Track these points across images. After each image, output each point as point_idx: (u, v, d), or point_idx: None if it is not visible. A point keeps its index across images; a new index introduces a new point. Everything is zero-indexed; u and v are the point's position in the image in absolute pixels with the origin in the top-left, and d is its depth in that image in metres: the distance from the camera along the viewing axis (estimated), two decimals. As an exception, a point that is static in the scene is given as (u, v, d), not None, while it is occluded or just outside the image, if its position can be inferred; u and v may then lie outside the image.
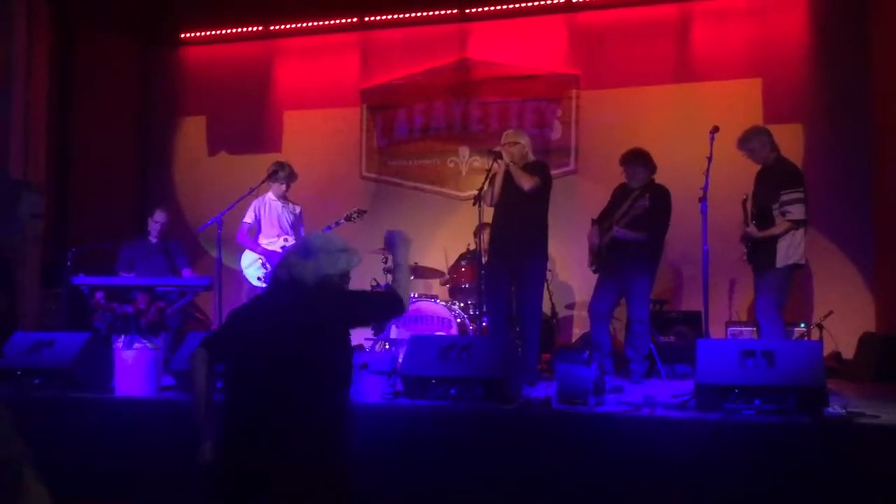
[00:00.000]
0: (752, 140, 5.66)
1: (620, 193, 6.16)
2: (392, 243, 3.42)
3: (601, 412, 4.34)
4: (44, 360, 5.14)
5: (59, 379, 5.07)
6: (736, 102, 7.62)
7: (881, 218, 7.12)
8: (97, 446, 4.58)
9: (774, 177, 5.60)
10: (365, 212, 7.00)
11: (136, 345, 4.93)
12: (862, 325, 6.92)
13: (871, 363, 6.28)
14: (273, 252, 6.62)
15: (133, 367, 4.93)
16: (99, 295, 4.99)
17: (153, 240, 7.28)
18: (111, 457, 4.53)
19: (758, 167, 5.75)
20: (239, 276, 6.93)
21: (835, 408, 4.13)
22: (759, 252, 5.57)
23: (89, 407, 4.83)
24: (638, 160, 6.06)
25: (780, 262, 5.44)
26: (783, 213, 5.46)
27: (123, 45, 9.24)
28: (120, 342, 4.94)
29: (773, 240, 5.46)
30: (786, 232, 5.43)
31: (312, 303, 3.03)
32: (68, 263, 6.67)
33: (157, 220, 7.27)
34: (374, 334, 6.94)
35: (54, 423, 4.65)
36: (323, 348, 2.98)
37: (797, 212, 5.43)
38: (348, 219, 6.86)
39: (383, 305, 3.31)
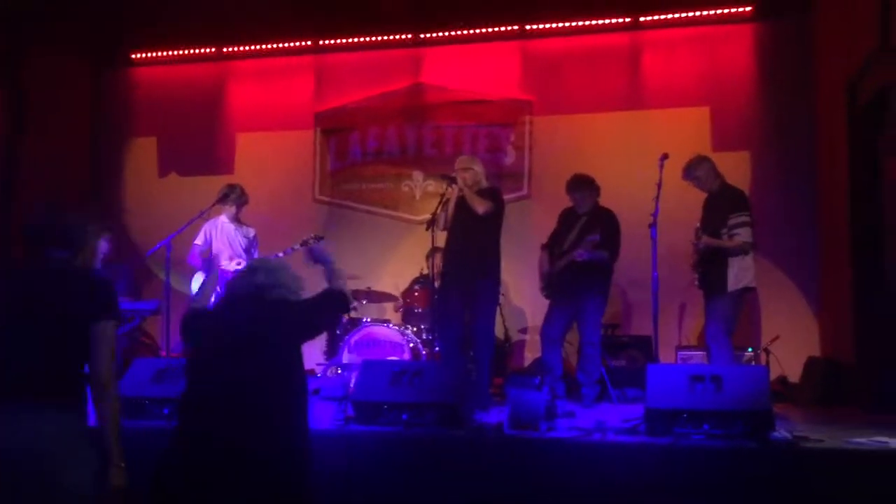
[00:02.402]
0: (697, 169, 5.77)
1: (567, 218, 6.22)
2: (317, 257, 3.48)
3: (553, 437, 4.36)
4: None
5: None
6: (685, 130, 7.77)
7: (826, 244, 7.29)
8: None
9: (721, 202, 5.71)
10: (322, 238, 6.94)
11: (80, 371, 4.80)
12: (807, 349, 7.06)
13: (815, 387, 6.42)
14: (225, 272, 6.53)
15: (76, 393, 4.80)
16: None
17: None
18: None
19: (705, 194, 5.86)
20: (189, 299, 6.82)
21: (781, 432, 4.20)
22: (710, 277, 5.65)
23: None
24: (584, 186, 6.15)
25: (731, 286, 5.53)
26: (731, 237, 5.57)
27: (73, 65, 9.08)
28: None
29: (724, 265, 5.55)
30: (736, 248, 5.52)
31: (269, 316, 3.06)
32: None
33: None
34: (326, 358, 6.88)
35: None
36: (281, 362, 2.98)
37: (745, 234, 5.55)
38: (305, 244, 6.80)
39: (330, 302, 3.31)
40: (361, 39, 8.74)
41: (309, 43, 8.88)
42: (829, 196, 7.10)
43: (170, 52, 9.19)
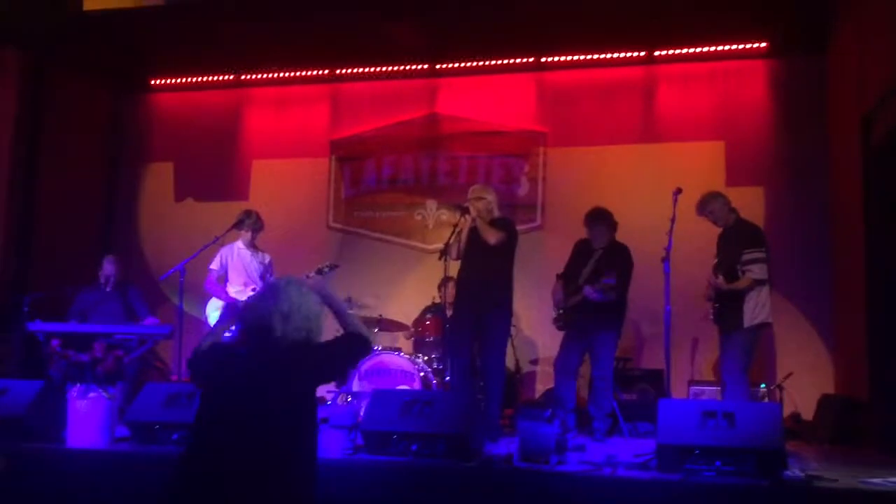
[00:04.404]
0: (712, 203, 5.78)
1: (582, 250, 6.20)
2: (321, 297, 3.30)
3: (563, 471, 4.31)
4: (-3, 408, 5.00)
5: (11, 428, 4.92)
6: (699, 164, 7.78)
7: (840, 280, 7.25)
8: (44, 500, 4.42)
9: (736, 238, 5.71)
10: (337, 266, 6.91)
11: (91, 394, 4.81)
12: (821, 387, 7.00)
13: (829, 425, 6.34)
14: (239, 301, 6.55)
15: (86, 416, 4.80)
16: (55, 342, 4.89)
17: (108, 288, 7.17)
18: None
19: (719, 229, 5.85)
20: (202, 324, 6.84)
21: (794, 471, 4.14)
22: (727, 313, 5.64)
23: (37, 457, 4.67)
24: (602, 220, 6.13)
25: (748, 321, 5.52)
26: (744, 273, 5.55)
27: (93, 91, 9.21)
28: (74, 391, 4.82)
29: (740, 300, 5.53)
30: (749, 287, 5.50)
31: (287, 359, 3.02)
32: (25, 309, 6.53)
33: (106, 271, 7.19)
34: (337, 386, 6.87)
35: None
36: (295, 402, 2.97)
37: (759, 271, 5.53)
38: (319, 272, 6.81)
39: (352, 347, 3.26)
40: (378, 69, 8.81)
41: (326, 72, 8.98)
42: (844, 232, 7.07)
43: (188, 79, 9.30)
